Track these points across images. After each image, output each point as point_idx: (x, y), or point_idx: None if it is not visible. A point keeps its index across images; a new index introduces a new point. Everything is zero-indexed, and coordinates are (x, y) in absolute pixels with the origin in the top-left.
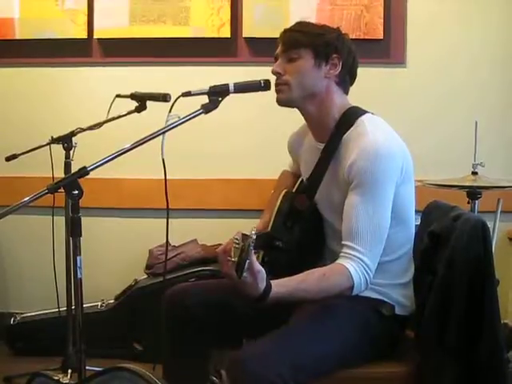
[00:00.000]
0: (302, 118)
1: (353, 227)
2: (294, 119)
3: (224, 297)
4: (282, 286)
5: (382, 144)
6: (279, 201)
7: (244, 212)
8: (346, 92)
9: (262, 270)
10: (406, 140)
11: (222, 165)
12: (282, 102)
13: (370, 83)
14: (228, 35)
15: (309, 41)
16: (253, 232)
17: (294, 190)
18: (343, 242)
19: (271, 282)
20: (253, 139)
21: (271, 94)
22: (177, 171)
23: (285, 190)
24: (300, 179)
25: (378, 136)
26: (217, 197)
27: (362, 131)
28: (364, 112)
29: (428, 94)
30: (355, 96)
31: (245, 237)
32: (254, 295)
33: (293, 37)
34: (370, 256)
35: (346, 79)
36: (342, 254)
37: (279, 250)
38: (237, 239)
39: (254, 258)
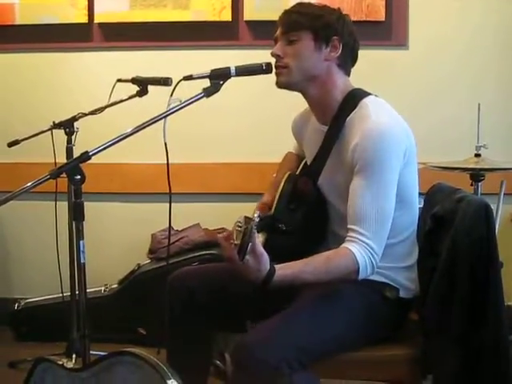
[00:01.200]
0: (305, 100)
1: (357, 211)
2: (296, 102)
3: (227, 280)
4: (286, 268)
5: (385, 126)
6: (282, 183)
7: (246, 196)
8: (348, 74)
9: (265, 253)
10: (408, 122)
11: (224, 148)
12: (281, 85)
13: (372, 65)
14: (229, 18)
15: (308, 23)
16: (255, 215)
17: (297, 173)
18: (349, 226)
19: (275, 266)
20: (255, 123)
21: (273, 77)
22: (179, 155)
23: (288, 173)
24: (304, 162)
25: (382, 118)
26: (219, 181)
27: (365, 113)
28: (367, 94)
29: (430, 76)
30: (357, 78)
31: (248, 220)
32: (257, 279)
33: (292, 19)
34: (376, 240)
35: (348, 61)
36: (347, 238)
37: (282, 232)
38: (240, 222)
39: (257, 240)
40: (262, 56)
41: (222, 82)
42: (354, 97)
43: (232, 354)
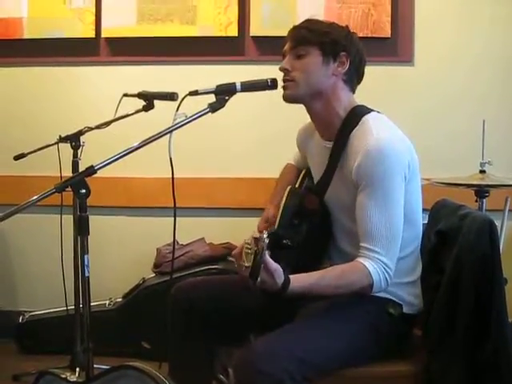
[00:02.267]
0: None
1: (367, 229)
2: (301, 117)
3: (230, 293)
4: (300, 281)
5: (386, 143)
6: (284, 198)
7: (251, 211)
8: (353, 90)
9: (278, 267)
10: (414, 138)
11: (229, 163)
12: (288, 99)
13: (378, 81)
14: (235, 34)
15: (317, 38)
16: (265, 236)
17: (297, 185)
18: (361, 244)
19: (290, 276)
20: (260, 137)
21: (278, 92)
22: (184, 170)
23: (290, 187)
24: (302, 174)
25: (383, 135)
26: (224, 195)
27: (366, 130)
28: (370, 110)
29: (435, 93)
30: (363, 94)
31: (256, 240)
32: (272, 291)
33: (301, 34)
34: (388, 255)
35: (353, 78)
36: (360, 254)
37: (286, 248)
38: (248, 244)
39: (268, 258)
40: (268, 72)
41: (227, 98)
42: (357, 113)
43: (234, 365)
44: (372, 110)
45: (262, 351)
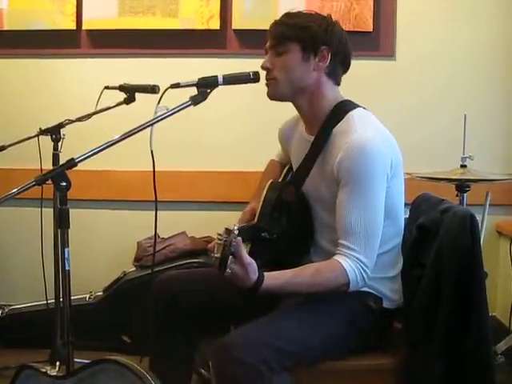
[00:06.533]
0: (290, 110)
1: (346, 226)
2: (282, 112)
3: (211, 286)
4: (275, 278)
5: (369, 141)
6: (265, 191)
7: (232, 204)
8: (338, 83)
9: (253, 262)
10: (395, 133)
11: (210, 157)
12: (271, 97)
13: (359, 76)
14: (217, 27)
15: (295, 34)
16: (235, 227)
17: (280, 180)
18: (339, 241)
19: (265, 273)
20: (241, 131)
21: (260, 86)
22: (165, 163)
23: (270, 181)
24: (286, 169)
25: (366, 133)
26: (205, 189)
27: (350, 127)
28: (355, 106)
29: (417, 87)
30: (344, 88)
31: (228, 232)
32: (245, 286)
33: (279, 30)
34: (366, 253)
35: (338, 69)
36: (337, 252)
37: (265, 241)
38: (220, 235)
39: (243, 251)
40: (250, 65)
41: (209, 91)
42: (342, 108)
43: (212, 355)
44: (358, 106)
45: (240, 341)
